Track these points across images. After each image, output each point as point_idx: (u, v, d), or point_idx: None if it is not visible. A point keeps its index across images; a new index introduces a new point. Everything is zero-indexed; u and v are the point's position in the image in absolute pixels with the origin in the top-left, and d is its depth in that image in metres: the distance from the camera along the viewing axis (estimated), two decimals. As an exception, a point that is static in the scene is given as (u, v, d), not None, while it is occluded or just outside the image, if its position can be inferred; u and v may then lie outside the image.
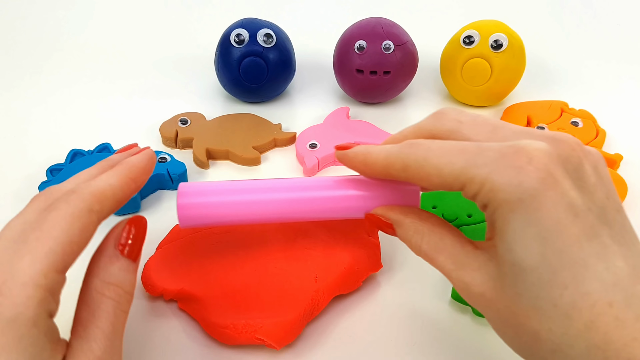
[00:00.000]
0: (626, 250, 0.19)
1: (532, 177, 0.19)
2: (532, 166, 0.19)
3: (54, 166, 0.39)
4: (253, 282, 0.29)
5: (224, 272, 0.30)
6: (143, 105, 0.50)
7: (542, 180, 0.19)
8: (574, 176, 0.20)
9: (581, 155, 0.20)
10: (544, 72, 0.56)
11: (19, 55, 0.59)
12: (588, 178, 0.20)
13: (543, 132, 0.21)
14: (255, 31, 0.45)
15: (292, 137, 0.45)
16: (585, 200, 0.20)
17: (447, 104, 0.51)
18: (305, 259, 0.31)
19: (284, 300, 0.28)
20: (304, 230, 0.33)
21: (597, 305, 0.18)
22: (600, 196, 0.20)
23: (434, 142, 0.22)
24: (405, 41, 0.46)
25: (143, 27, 0.64)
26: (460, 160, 0.21)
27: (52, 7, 0.65)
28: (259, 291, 0.29)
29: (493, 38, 0.44)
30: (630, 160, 0.42)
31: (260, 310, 0.28)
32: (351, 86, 0.48)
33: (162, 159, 0.40)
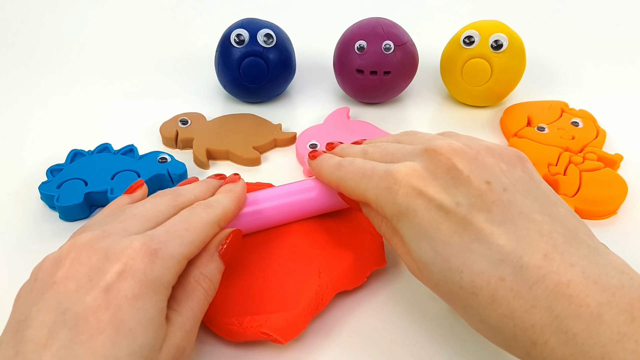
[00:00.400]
0: (508, 227, 0.22)
1: (399, 194, 0.24)
2: (397, 185, 0.25)
3: (54, 166, 0.39)
4: (257, 278, 0.30)
5: (227, 268, 0.30)
6: (143, 105, 0.50)
7: (407, 194, 0.24)
8: (446, 177, 0.24)
9: (450, 155, 0.24)
10: (544, 72, 0.56)
11: (19, 56, 0.59)
12: (461, 173, 0.24)
13: (421, 148, 0.26)
14: (255, 31, 0.45)
15: (293, 138, 0.45)
16: (454, 197, 0.23)
17: (447, 104, 0.51)
18: (309, 255, 0.31)
19: (288, 295, 0.28)
20: (307, 227, 0.33)
21: (491, 281, 0.21)
22: (476, 184, 0.23)
23: (352, 164, 0.28)
24: (406, 41, 0.46)
25: (143, 27, 0.64)
26: (362, 184, 0.27)
27: (52, 8, 0.65)
28: (263, 287, 0.29)
29: (493, 38, 0.44)
30: (630, 160, 0.42)
31: (264, 305, 0.28)
32: (351, 86, 0.48)
33: (162, 159, 0.40)
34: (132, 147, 0.41)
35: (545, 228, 0.22)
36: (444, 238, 0.23)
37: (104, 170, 0.38)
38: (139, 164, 0.39)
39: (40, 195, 0.37)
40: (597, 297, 0.19)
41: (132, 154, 0.40)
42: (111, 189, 0.36)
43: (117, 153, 0.40)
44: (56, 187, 0.37)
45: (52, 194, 0.36)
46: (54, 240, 0.35)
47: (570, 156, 0.41)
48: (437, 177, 0.24)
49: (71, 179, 0.38)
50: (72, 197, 0.36)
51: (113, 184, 0.37)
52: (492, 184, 0.23)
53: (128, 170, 0.39)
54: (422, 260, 0.24)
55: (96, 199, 0.37)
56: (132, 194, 0.30)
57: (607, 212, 0.37)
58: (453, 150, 0.25)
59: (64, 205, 0.35)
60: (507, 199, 0.23)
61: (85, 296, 0.20)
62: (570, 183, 0.38)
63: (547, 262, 0.21)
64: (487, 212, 0.23)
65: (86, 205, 0.36)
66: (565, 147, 0.42)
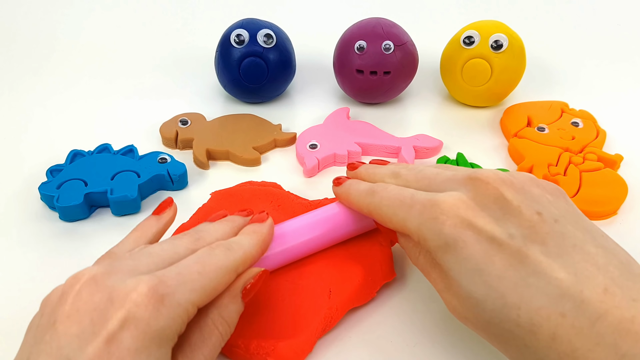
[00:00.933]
0: (565, 260, 0.21)
1: (447, 225, 0.23)
2: (444, 216, 0.23)
3: (54, 167, 0.39)
4: (265, 296, 0.29)
5: None
6: (143, 105, 0.50)
7: (455, 225, 0.23)
8: (494, 207, 0.23)
9: (497, 184, 0.23)
10: (544, 73, 0.56)
11: (19, 56, 0.59)
12: (510, 203, 0.23)
13: (463, 176, 0.25)
14: (255, 31, 0.45)
15: (293, 138, 0.45)
16: (506, 229, 0.22)
17: (447, 104, 0.51)
18: (319, 271, 0.30)
19: (296, 317, 0.28)
20: (324, 253, 0.32)
21: (552, 317, 0.20)
22: (528, 215, 0.22)
23: (386, 189, 0.27)
24: (405, 41, 0.46)
25: (143, 27, 0.64)
26: (400, 212, 0.25)
27: (52, 8, 0.65)
28: (272, 307, 0.28)
29: (493, 38, 0.44)
30: (630, 160, 0.42)
31: (272, 329, 0.27)
32: (351, 86, 0.48)
33: (162, 160, 0.40)
34: (132, 148, 0.41)
35: (601, 261, 0.21)
36: (499, 272, 0.21)
37: (104, 171, 0.38)
38: (138, 165, 0.39)
39: (40, 195, 0.37)
40: None
41: (132, 154, 0.40)
42: (111, 189, 0.36)
43: (117, 153, 0.40)
44: (56, 188, 0.37)
45: (52, 194, 0.36)
46: (54, 241, 0.35)
47: (570, 156, 0.41)
48: (485, 207, 0.23)
49: (71, 180, 0.38)
50: (72, 198, 0.36)
51: (113, 184, 0.37)
52: (543, 215, 0.22)
53: (128, 170, 0.39)
54: (472, 297, 0.22)
55: (96, 199, 0.37)
56: (160, 215, 0.28)
57: (607, 213, 0.37)
58: (500, 180, 0.24)
59: (64, 206, 0.35)
60: (560, 230, 0.22)
61: (87, 346, 0.19)
62: (570, 183, 0.38)
63: (609, 297, 0.19)
64: (542, 244, 0.21)
65: (86, 205, 0.36)
66: (566, 147, 0.42)
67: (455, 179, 0.25)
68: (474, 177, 0.24)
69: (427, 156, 0.43)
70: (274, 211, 0.35)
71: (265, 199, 0.36)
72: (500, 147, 0.45)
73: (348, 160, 0.42)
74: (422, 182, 0.27)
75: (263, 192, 0.36)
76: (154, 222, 0.28)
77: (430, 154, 0.43)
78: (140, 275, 0.21)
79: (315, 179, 0.41)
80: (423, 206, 0.24)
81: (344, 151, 0.42)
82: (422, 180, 0.27)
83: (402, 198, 0.26)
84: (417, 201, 0.25)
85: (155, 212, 0.28)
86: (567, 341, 0.19)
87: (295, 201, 0.36)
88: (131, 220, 0.37)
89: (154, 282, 0.21)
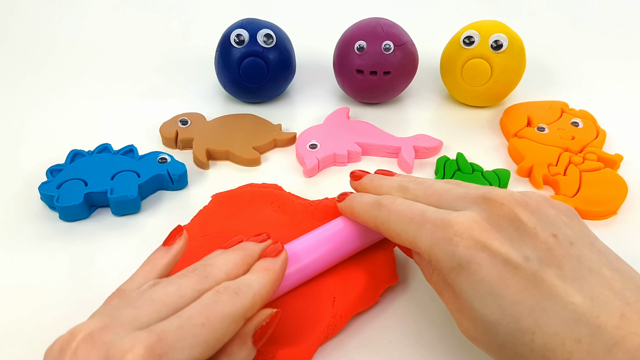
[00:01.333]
0: (582, 284, 0.20)
1: (460, 247, 0.22)
2: (457, 237, 0.23)
3: (54, 167, 0.39)
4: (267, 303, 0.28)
5: None
6: (143, 105, 0.50)
7: (469, 247, 0.22)
8: (509, 229, 0.22)
9: (512, 205, 0.23)
10: (544, 72, 0.56)
11: (19, 56, 0.59)
12: (526, 225, 0.22)
13: (477, 195, 0.24)
14: (255, 31, 0.45)
15: (292, 138, 0.45)
16: (521, 251, 0.22)
17: (447, 104, 0.51)
18: (323, 276, 0.30)
19: (299, 325, 0.27)
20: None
21: (566, 343, 0.19)
22: (543, 238, 0.22)
23: (394, 203, 0.26)
24: (405, 41, 0.46)
25: (143, 27, 0.64)
26: (410, 230, 0.25)
27: (52, 7, 0.65)
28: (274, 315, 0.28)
29: (493, 38, 0.44)
30: (630, 160, 0.42)
31: (273, 334, 0.26)
32: (351, 86, 0.48)
33: (162, 160, 0.40)
34: (132, 148, 0.41)
35: (617, 285, 0.20)
36: (513, 296, 0.21)
37: (103, 171, 0.38)
38: (138, 164, 0.39)
39: (40, 195, 0.37)
40: None
41: (132, 154, 0.40)
42: (111, 189, 0.36)
43: (117, 153, 0.40)
44: (56, 188, 0.37)
45: (52, 194, 0.36)
46: (54, 241, 0.35)
47: (570, 156, 0.41)
48: (500, 229, 0.23)
49: (71, 180, 0.38)
50: (72, 198, 0.36)
51: (113, 184, 0.37)
52: (559, 237, 0.22)
53: (128, 170, 0.39)
54: (485, 320, 0.22)
55: (96, 199, 0.37)
56: (170, 246, 0.27)
57: (607, 213, 0.37)
58: (515, 201, 0.23)
59: (64, 206, 0.35)
60: (576, 253, 0.21)
61: None
62: (570, 183, 0.38)
63: (625, 323, 0.19)
64: (558, 267, 0.21)
65: (86, 205, 0.36)
66: (565, 147, 0.42)
67: (467, 197, 0.24)
68: (488, 197, 0.24)
69: (427, 156, 0.43)
70: (275, 212, 0.35)
71: (265, 200, 0.36)
72: (500, 147, 0.45)
73: (348, 160, 0.42)
74: (432, 199, 0.26)
75: (263, 194, 0.36)
76: (164, 253, 0.26)
77: (430, 154, 0.43)
78: (138, 333, 0.20)
79: (315, 179, 0.41)
80: (435, 225, 0.24)
81: (344, 151, 0.42)
82: (432, 196, 0.26)
83: (412, 215, 0.25)
84: (429, 219, 0.24)
85: (165, 242, 0.27)
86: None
87: (295, 202, 0.36)
88: (131, 220, 0.37)
89: (152, 341, 0.20)
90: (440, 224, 0.23)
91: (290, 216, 0.34)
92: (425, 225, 0.24)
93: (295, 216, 0.34)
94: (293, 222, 0.34)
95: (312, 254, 0.29)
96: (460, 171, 0.40)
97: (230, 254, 0.26)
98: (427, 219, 0.24)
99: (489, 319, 0.21)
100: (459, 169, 0.40)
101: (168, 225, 0.36)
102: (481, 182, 0.39)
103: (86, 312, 0.31)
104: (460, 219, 0.23)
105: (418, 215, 0.25)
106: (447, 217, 0.23)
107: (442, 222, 0.23)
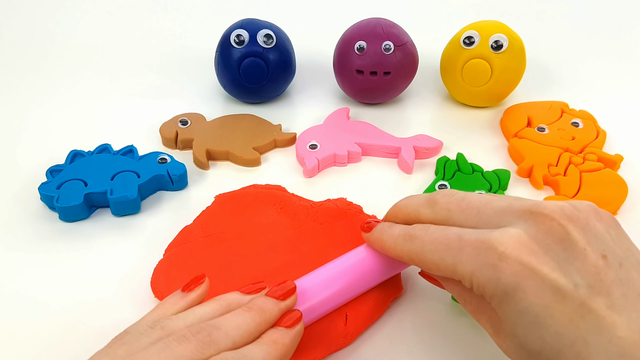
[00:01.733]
0: (630, 314, 0.19)
1: (506, 274, 0.20)
2: (503, 262, 0.21)
3: (54, 167, 0.39)
4: None
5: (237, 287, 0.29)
6: (143, 105, 0.50)
7: (516, 273, 0.20)
8: (559, 249, 0.21)
9: (563, 221, 0.21)
10: (544, 73, 0.56)
11: (18, 56, 0.59)
12: (576, 245, 0.21)
13: (521, 208, 0.22)
14: (255, 32, 0.45)
15: (292, 138, 0.45)
16: (571, 277, 0.20)
17: (447, 104, 0.51)
18: None
19: (310, 344, 0.27)
20: (321, 252, 0.32)
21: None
22: (593, 260, 0.20)
23: (427, 232, 0.24)
24: (406, 42, 0.46)
25: (143, 27, 0.64)
26: (448, 257, 0.23)
27: (52, 7, 0.65)
28: None
29: (493, 39, 0.44)
30: (630, 160, 0.42)
31: None
32: (351, 87, 0.48)
33: (162, 160, 0.40)
34: (131, 148, 0.41)
35: None
36: (558, 327, 0.20)
37: (103, 171, 0.38)
38: (138, 165, 0.39)
39: (40, 196, 0.37)
40: None
41: (132, 154, 0.40)
42: (111, 189, 0.36)
43: (116, 154, 0.40)
44: (56, 188, 0.37)
45: (52, 194, 0.36)
46: (54, 241, 0.35)
47: (570, 157, 0.41)
48: (548, 249, 0.21)
49: (71, 180, 0.38)
50: (71, 198, 0.36)
51: (113, 184, 0.37)
52: (609, 259, 0.20)
53: (128, 170, 0.39)
54: (525, 348, 0.21)
55: (96, 199, 0.37)
56: (189, 292, 0.25)
57: (607, 213, 0.37)
58: (566, 216, 0.21)
59: (64, 206, 0.35)
60: (625, 277, 0.20)
61: None
62: (570, 184, 0.38)
63: None
64: (607, 295, 0.20)
65: (86, 206, 0.36)
66: (566, 147, 0.42)
67: (511, 210, 0.22)
68: (537, 211, 0.21)
69: (427, 156, 0.43)
70: (277, 214, 0.35)
71: (268, 202, 0.36)
72: (500, 147, 0.45)
73: (348, 160, 0.42)
74: (469, 213, 0.24)
75: (266, 195, 0.36)
76: (178, 299, 0.25)
77: (430, 154, 0.43)
78: None
79: (315, 179, 0.41)
80: (475, 249, 0.22)
81: (344, 151, 0.42)
82: (468, 210, 0.24)
83: (447, 241, 0.23)
84: (467, 242, 0.22)
85: (184, 287, 0.26)
86: None
87: (298, 203, 0.36)
88: (131, 220, 0.37)
89: None
90: (481, 246, 0.21)
91: (292, 218, 0.35)
92: (464, 249, 0.22)
93: (297, 218, 0.35)
94: (294, 224, 0.34)
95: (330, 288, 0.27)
96: (460, 171, 0.40)
97: (245, 318, 0.23)
98: (465, 242, 0.22)
99: (530, 347, 0.21)
100: (459, 169, 0.40)
101: (168, 226, 0.36)
102: (481, 182, 0.39)
103: (86, 312, 0.31)
104: (504, 239, 0.21)
105: (455, 240, 0.23)
106: (488, 238, 0.21)
107: (482, 244, 0.21)
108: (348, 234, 0.33)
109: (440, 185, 0.38)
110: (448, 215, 0.24)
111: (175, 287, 0.30)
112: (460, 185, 0.39)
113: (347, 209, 0.35)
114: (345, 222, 0.34)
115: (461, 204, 0.24)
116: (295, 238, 0.33)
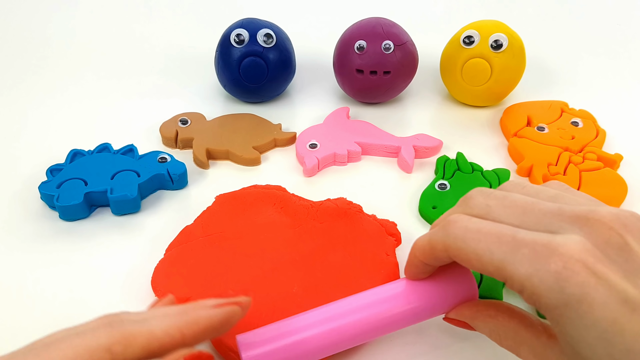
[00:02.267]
0: None
1: (572, 283, 0.18)
2: (569, 271, 0.18)
3: (54, 166, 0.39)
4: (269, 306, 0.28)
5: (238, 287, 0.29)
6: (143, 105, 0.50)
7: (583, 284, 0.18)
8: (620, 259, 0.19)
9: (621, 230, 0.19)
10: (544, 72, 0.56)
11: (18, 56, 0.59)
12: (636, 254, 0.19)
13: (574, 213, 0.20)
14: (255, 31, 0.45)
15: (292, 137, 0.45)
16: (639, 289, 0.18)
17: (447, 104, 0.51)
18: (326, 286, 0.30)
19: None
20: (322, 252, 0.32)
21: None
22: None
23: (470, 220, 0.22)
24: (405, 41, 0.46)
25: (143, 27, 0.64)
26: (498, 252, 0.20)
27: (52, 7, 0.65)
28: (275, 317, 0.27)
29: (493, 38, 0.44)
30: (630, 160, 0.42)
31: None
32: (351, 86, 0.48)
33: (162, 159, 0.40)
34: (132, 147, 0.41)
35: None
36: (628, 344, 0.17)
37: (103, 170, 0.38)
38: (138, 164, 0.39)
39: (40, 195, 0.37)
40: None
41: (132, 153, 0.40)
42: (111, 188, 0.36)
43: (117, 153, 0.40)
44: (56, 187, 0.37)
45: (52, 193, 0.36)
46: (54, 240, 0.35)
47: (570, 156, 0.41)
48: (611, 259, 0.19)
49: (71, 179, 0.38)
50: (71, 197, 0.36)
51: (113, 183, 0.37)
52: None
53: (128, 170, 0.39)
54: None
55: (96, 198, 0.37)
56: None
57: (607, 212, 0.37)
58: (622, 224, 0.20)
59: (64, 205, 0.35)
60: None
61: None
62: (570, 183, 0.38)
63: None
64: None
65: (86, 205, 0.36)
66: (565, 147, 0.42)
67: (563, 215, 0.20)
68: (592, 217, 0.20)
69: (427, 156, 0.43)
70: (277, 214, 0.35)
71: (268, 202, 0.36)
72: (500, 147, 0.45)
73: (348, 160, 0.42)
74: (513, 210, 0.22)
75: (266, 195, 0.36)
76: None
77: (430, 153, 0.43)
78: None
79: (315, 179, 0.41)
80: (534, 252, 0.19)
81: (344, 151, 0.42)
82: (512, 207, 0.22)
83: (498, 234, 0.20)
84: (524, 242, 0.20)
85: None
86: None
87: (298, 203, 0.36)
88: (131, 219, 0.37)
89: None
90: (542, 250, 0.19)
91: (292, 217, 0.35)
92: (521, 249, 0.20)
93: (297, 217, 0.35)
94: (294, 223, 0.34)
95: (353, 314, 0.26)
96: (460, 171, 0.40)
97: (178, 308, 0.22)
98: (521, 241, 0.20)
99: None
100: (458, 168, 0.40)
101: (168, 225, 0.36)
102: (481, 181, 0.39)
103: (86, 311, 0.31)
104: (570, 246, 0.19)
105: (508, 236, 0.20)
106: (551, 242, 0.19)
107: (543, 247, 0.19)
108: (348, 234, 0.33)
109: (440, 185, 0.39)
110: (487, 211, 0.22)
111: (176, 287, 0.30)
112: (460, 184, 0.39)
113: (347, 208, 0.35)
114: (345, 222, 0.34)
115: (503, 201, 0.22)
116: (296, 238, 0.33)
